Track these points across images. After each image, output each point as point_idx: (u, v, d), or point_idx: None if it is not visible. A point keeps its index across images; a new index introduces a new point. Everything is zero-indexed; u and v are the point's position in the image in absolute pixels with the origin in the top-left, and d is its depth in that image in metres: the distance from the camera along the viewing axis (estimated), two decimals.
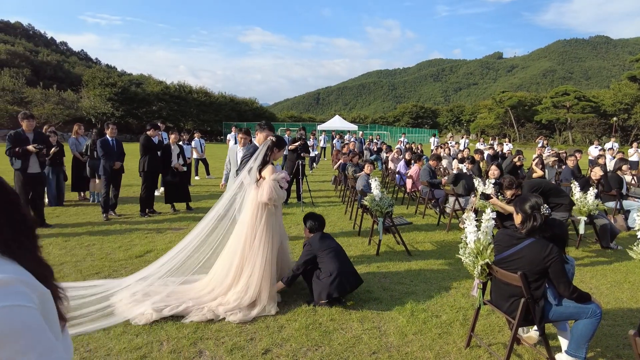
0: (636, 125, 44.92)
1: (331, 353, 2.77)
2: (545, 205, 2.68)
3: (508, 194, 4.91)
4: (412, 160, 8.45)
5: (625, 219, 6.38)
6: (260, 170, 3.57)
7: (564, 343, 2.66)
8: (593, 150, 14.38)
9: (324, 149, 20.65)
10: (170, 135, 7.70)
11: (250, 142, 5.12)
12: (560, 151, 13.72)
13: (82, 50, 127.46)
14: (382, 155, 13.98)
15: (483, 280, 2.76)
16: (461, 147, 15.27)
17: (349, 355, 2.75)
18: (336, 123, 35.00)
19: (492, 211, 2.80)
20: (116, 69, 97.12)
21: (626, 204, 6.78)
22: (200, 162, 12.26)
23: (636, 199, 6.87)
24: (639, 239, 2.90)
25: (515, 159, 8.96)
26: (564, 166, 8.70)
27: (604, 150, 13.54)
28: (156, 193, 7.73)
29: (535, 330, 2.84)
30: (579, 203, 5.37)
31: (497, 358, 2.74)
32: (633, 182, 8.53)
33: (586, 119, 46.47)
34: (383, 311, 3.44)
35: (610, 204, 6.92)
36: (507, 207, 4.64)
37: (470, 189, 6.41)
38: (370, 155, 15.03)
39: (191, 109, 48.43)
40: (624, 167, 7.29)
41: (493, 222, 2.74)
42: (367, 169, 6.49)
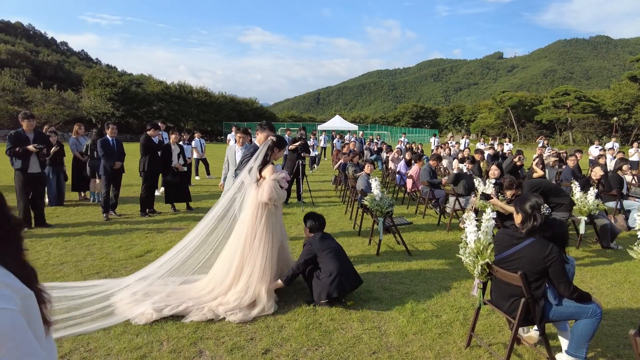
0: (637, 125, 44.89)
1: (331, 353, 2.77)
2: (545, 205, 2.68)
3: (508, 194, 4.91)
4: (413, 160, 8.45)
5: (626, 218, 6.38)
6: (260, 170, 3.58)
7: (564, 343, 2.65)
8: (593, 150, 14.37)
9: (324, 149, 20.66)
10: (171, 135, 7.70)
11: (250, 142, 5.12)
12: (561, 151, 13.71)
13: (83, 50, 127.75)
14: (383, 155, 13.98)
15: (483, 280, 2.76)
16: (461, 147, 15.27)
17: (349, 355, 2.75)
18: (336, 123, 35.01)
19: (493, 211, 2.80)
20: (116, 69, 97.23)
21: (626, 203, 6.77)
22: (200, 162, 12.28)
23: (636, 199, 6.86)
24: None
25: (516, 159, 8.96)
26: (564, 166, 8.70)
27: (605, 150, 13.52)
28: (156, 193, 7.74)
29: (536, 330, 2.83)
30: (579, 203, 5.37)
31: (498, 358, 2.74)
32: (633, 182, 8.53)
33: (586, 119, 46.43)
34: (383, 311, 3.43)
35: (611, 204, 6.92)
36: (508, 207, 4.64)
37: (471, 189, 6.41)
38: (371, 155, 15.03)
39: (191, 109, 48.45)
40: (625, 167, 7.29)
41: (493, 222, 2.74)
42: (368, 168, 6.49)
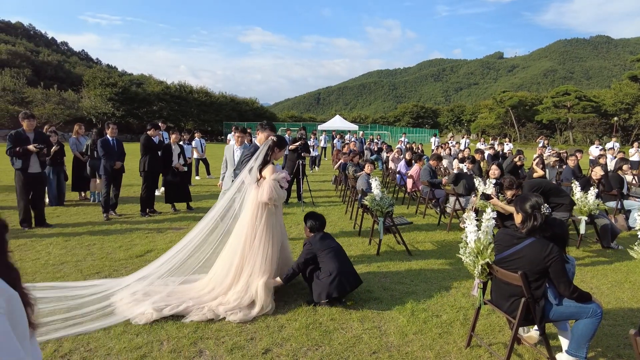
0: (637, 125, 44.84)
1: (331, 353, 2.77)
2: (545, 204, 2.68)
3: (508, 194, 4.90)
4: (413, 160, 8.45)
5: (626, 218, 6.37)
6: (260, 170, 3.58)
7: (564, 343, 2.65)
8: (594, 150, 14.37)
9: (324, 148, 20.66)
10: (171, 135, 7.70)
11: (250, 142, 5.12)
12: (561, 151, 13.72)
13: (83, 50, 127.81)
14: (383, 155, 13.98)
15: (483, 280, 2.76)
16: (462, 147, 15.26)
17: (349, 355, 2.75)
18: (337, 123, 35.01)
19: (493, 211, 2.80)
20: (117, 69, 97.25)
21: (627, 203, 6.77)
22: (200, 162, 12.29)
23: (637, 199, 6.86)
24: None
25: (516, 159, 8.96)
26: (564, 166, 8.70)
27: (605, 150, 13.51)
28: (157, 193, 7.74)
29: (536, 330, 2.83)
30: (579, 203, 5.37)
31: (498, 358, 2.73)
32: (634, 182, 8.53)
33: (587, 119, 46.38)
34: (383, 311, 3.43)
35: (611, 204, 6.92)
36: (508, 208, 4.63)
37: (471, 189, 6.41)
38: (371, 155, 15.03)
39: (192, 109, 48.44)
40: (625, 167, 7.29)
41: (493, 222, 2.74)
42: (368, 168, 6.49)
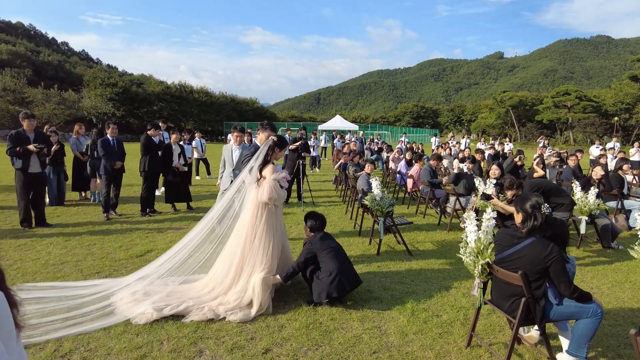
0: (637, 125, 44.80)
1: (331, 352, 2.77)
2: (545, 204, 2.68)
3: (509, 194, 4.90)
4: (413, 160, 8.44)
5: (627, 218, 6.37)
6: (261, 170, 3.58)
7: (564, 343, 2.65)
8: (594, 150, 14.36)
9: (324, 148, 20.66)
10: (171, 135, 7.71)
11: (251, 142, 5.12)
12: (562, 151, 13.72)
13: (83, 50, 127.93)
14: (383, 155, 13.97)
15: (484, 280, 2.75)
16: (462, 147, 15.25)
17: (350, 355, 2.75)
18: (337, 123, 35.03)
19: (493, 210, 2.80)
20: (117, 69, 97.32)
21: (627, 203, 6.77)
22: (201, 162, 12.29)
23: (637, 199, 6.85)
24: None
25: (516, 159, 8.95)
26: (565, 166, 8.69)
27: (605, 150, 13.51)
28: (157, 193, 7.74)
29: (536, 329, 2.83)
30: (580, 203, 5.36)
31: (498, 358, 2.73)
32: (634, 182, 8.52)
33: (587, 119, 46.35)
34: (384, 311, 3.43)
35: (612, 204, 6.92)
36: (508, 208, 4.63)
37: (471, 189, 6.40)
38: (371, 155, 15.03)
39: (192, 109, 48.46)
40: (625, 167, 7.28)
41: (494, 222, 2.74)
42: (368, 168, 6.48)
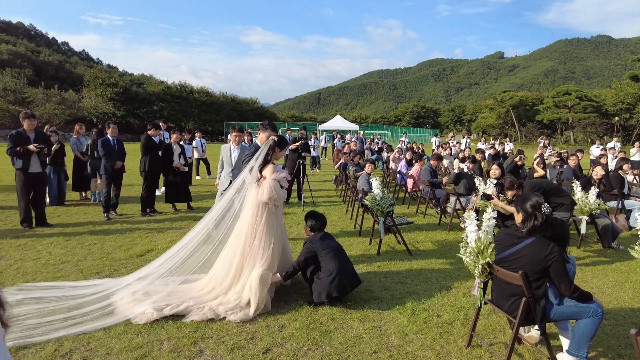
0: (638, 124, 44.78)
1: (332, 352, 2.77)
2: (546, 204, 2.68)
3: (509, 194, 4.90)
4: (413, 159, 8.44)
5: (627, 218, 6.37)
6: (261, 170, 3.58)
7: (565, 342, 2.65)
8: (595, 150, 14.34)
9: (324, 148, 20.66)
10: (172, 135, 7.71)
11: (251, 142, 5.12)
12: (562, 151, 13.72)
13: (84, 50, 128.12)
14: (383, 154, 13.97)
15: (484, 280, 2.75)
16: (462, 147, 15.25)
17: (350, 355, 2.75)
18: (337, 123, 35.03)
19: (493, 210, 2.79)
20: (117, 69, 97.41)
21: (628, 203, 6.76)
22: (201, 162, 12.30)
23: (638, 199, 6.85)
24: None
25: (517, 159, 8.95)
26: (565, 166, 8.69)
27: (606, 149, 13.50)
28: (157, 193, 7.74)
29: (536, 329, 2.83)
30: (580, 202, 5.36)
31: (498, 357, 2.73)
32: (635, 182, 8.52)
33: (588, 119, 46.34)
34: (384, 310, 3.43)
35: (612, 204, 6.91)
36: (508, 208, 4.63)
37: (471, 189, 6.40)
38: (372, 154, 15.03)
39: (192, 109, 48.49)
40: (626, 167, 7.28)
41: (494, 222, 2.74)
42: (368, 168, 6.48)
